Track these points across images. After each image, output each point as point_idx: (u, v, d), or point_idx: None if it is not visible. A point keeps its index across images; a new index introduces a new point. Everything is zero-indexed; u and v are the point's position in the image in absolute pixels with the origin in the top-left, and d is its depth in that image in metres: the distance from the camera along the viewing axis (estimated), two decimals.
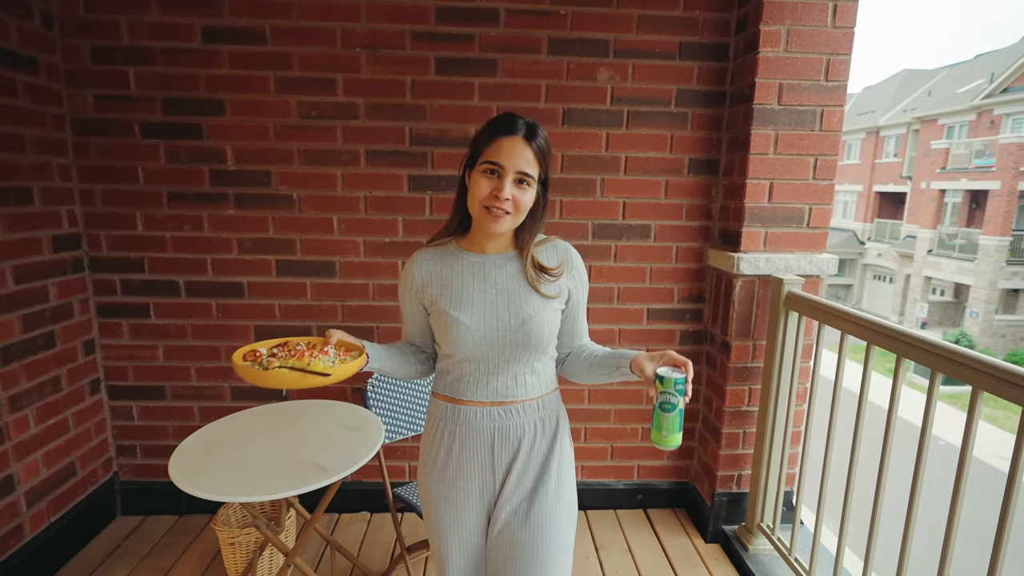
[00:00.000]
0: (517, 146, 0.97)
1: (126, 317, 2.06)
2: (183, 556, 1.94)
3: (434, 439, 1.11)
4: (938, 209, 17.66)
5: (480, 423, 1.07)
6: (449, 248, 1.09)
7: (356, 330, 2.09)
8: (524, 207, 1.00)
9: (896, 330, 1.34)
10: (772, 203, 1.88)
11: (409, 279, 1.09)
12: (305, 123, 1.95)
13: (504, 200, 0.97)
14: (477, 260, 1.06)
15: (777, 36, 1.77)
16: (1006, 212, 15.19)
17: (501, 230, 1.00)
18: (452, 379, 1.08)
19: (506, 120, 1.00)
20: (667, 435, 0.92)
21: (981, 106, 16.87)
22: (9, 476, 1.70)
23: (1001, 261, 15.53)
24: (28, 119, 1.75)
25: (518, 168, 0.97)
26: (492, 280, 1.05)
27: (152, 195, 1.98)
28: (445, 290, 1.05)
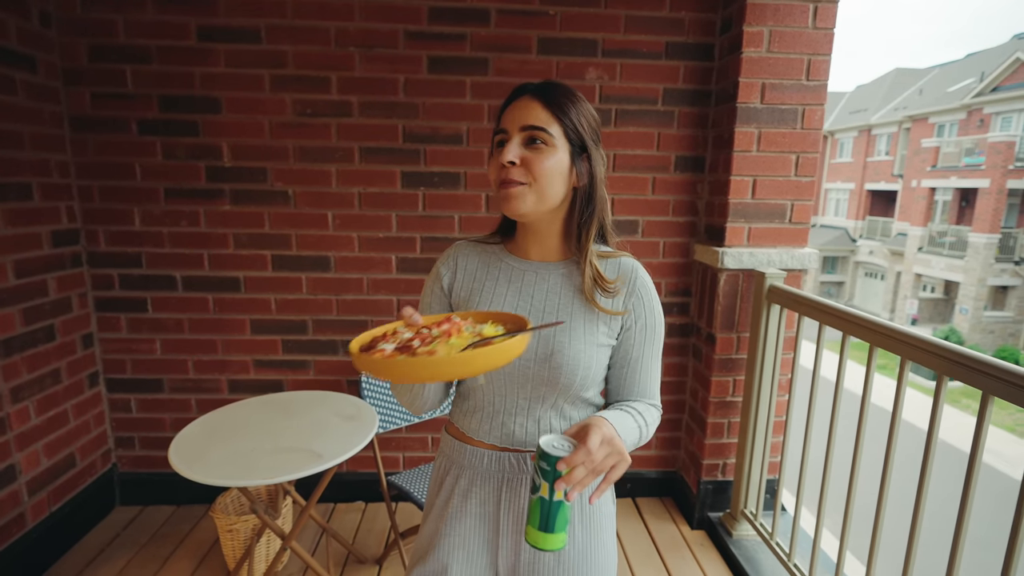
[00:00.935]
0: (522, 103, 0.80)
1: (124, 311, 2.09)
2: (181, 544, 1.98)
3: (437, 478, 0.96)
4: (928, 207, 17.84)
5: (488, 468, 0.89)
6: (494, 249, 0.92)
7: (351, 324, 2.14)
8: (546, 174, 0.78)
9: (869, 320, 1.40)
10: (755, 199, 1.94)
11: (443, 269, 0.92)
12: (300, 120, 1.99)
13: (509, 165, 0.78)
14: (517, 267, 0.89)
15: (760, 37, 1.83)
16: (995, 210, 15.38)
17: (520, 208, 0.80)
18: (467, 409, 0.91)
19: (515, 88, 0.84)
20: (527, 524, 0.69)
21: (971, 105, 17.04)
22: (11, 466, 1.73)
23: (990, 258, 15.73)
24: (27, 116, 1.78)
25: (522, 123, 0.78)
26: (530, 292, 0.86)
27: (149, 191, 2.01)
28: (475, 293, 0.88)
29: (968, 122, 17.27)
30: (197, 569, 1.86)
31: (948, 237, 17.03)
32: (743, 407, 2.00)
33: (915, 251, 18.04)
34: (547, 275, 0.87)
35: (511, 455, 0.87)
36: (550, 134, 0.78)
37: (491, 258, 0.91)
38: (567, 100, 0.80)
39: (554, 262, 0.88)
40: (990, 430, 0.87)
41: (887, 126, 20.73)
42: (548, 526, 0.67)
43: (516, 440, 0.86)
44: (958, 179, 16.64)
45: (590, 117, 0.83)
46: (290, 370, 2.17)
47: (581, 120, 0.81)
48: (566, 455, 0.65)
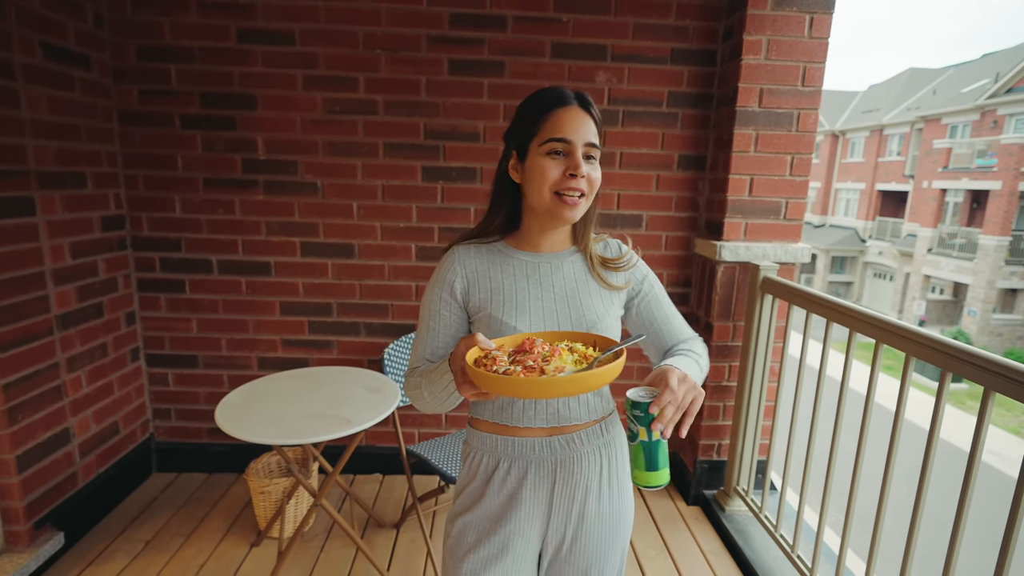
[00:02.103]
0: (579, 116, 0.86)
1: (164, 291, 2.26)
2: (215, 507, 2.16)
3: (479, 479, 0.95)
4: (939, 208, 17.76)
5: (539, 456, 0.93)
6: (496, 247, 0.95)
7: (373, 308, 2.30)
8: (596, 186, 0.88)
9: (849, 307, 1.54)
10: (752, 197, 2.07)
11: (450, 276, 0.93)
12: (329, 117, 2.14)
13: (580, 179, 0.85)
14: (531, 260, 0.94)
15: (759, 45, 1.96)
16: (1006, 212, 15.31)
17: (577, 216, 0.88)
18: (500, 403, 0.93)
19: (554, 92, 0.88)
20: (633, 468, 0.78)
21: (985, 106, 16.92)
22: (66, 429, 1.91)
23: (1000, 261, 15.66)
24: (82, 111, 1.95)
25: (586, 140, 0.85)
26: (550, 282, 0.93)
27: (189, 181, 2.18)
28: (496, 294, 0.91)
29: (981, 123, 17.15)
30: (231, 528, 2.04)
31: (958, 239, 16.96)
32: (737, 391, 2.14)
33: (924, 252, 17.98)
34: (560, 264, 0.94)
35: (559, 438, 0.92)
36: (600, 149, 0.88)
37: (497, 256, 0.94)
38: (598, 114, 0.89)
39: (561, 251, 0.96)
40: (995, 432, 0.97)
41: (899, 126, 20.61)
42: (653, 464, 0.75)
43: (562, 417, 0.92)
44: (969, 180, 16.56)
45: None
46: (315, 349, 2.34)
47: (602, 127, 0.91)
48: (652, 399, 0.75)
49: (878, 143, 21.53)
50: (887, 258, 20.39)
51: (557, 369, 0.74)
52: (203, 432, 2.39)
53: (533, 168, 0.86)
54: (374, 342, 2.32)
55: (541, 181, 0.85)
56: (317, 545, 1.96)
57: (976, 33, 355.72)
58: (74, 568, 1.81)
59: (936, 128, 18.66)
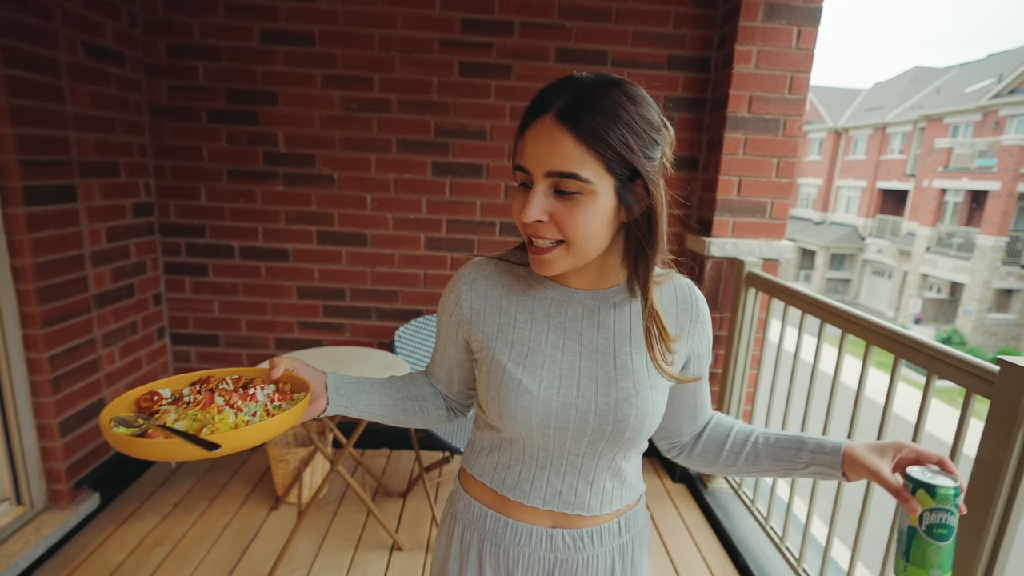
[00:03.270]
0: (548, 134, 0.59)
1: (188, 275, 2.42)
2: (236, 474, 2.33)
3: (453, 561, 0.79)
4: (938, 207, 17.88)
5: (535, 552, 0.74)
6: (521, 271, 0.73)
7: (383, 294, 2.46)
8: (581, 232, 0.61)
9: (819, 300, 1.69)
10: (740, 196, 2.22)
11: (454, 298, 0.74)
12: (346, 114, 2.29)
13: (537, 224, 0.62)
14: (557, 296, 0.71)
15: (749, 55, 2.09)
16: (1004, 213, 15.43)
17: (552, 272, 0.65)
18: (496, 463, 0.75)
19: (540, 94, 0.63)
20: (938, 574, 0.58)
21: (987, 106, 16.98)
22: (101, 399, 2.07)
23: (997, 261, 15.81)
24: (117, 105, 2.09)
25: (549, 167, 0.60)
26: (576, 331, 0.70)
27: (214, 172, 2.33)
28: (504, 331, 0.71)
29: (983, 124, 17.22)
30: (251, 493, 2.21)
31: (956, 238, 17.09)
32: (722, 378, 2.31)
33: (923, 251, 18.11)
34: (596, 307, 0.70)
35: (564, 533, 0.73)
36: (583, 180, 0.59)
37: (518, 284, 0.72)
38: (606, 119, 0.58)
39: (602, 290, 0.71)
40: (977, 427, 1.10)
41: (902, 125, 20.66)
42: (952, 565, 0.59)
43: (564, 502, 0.72)
44: (969, 180, 16.66)
45: (643, 125, 0.61)
46: (328, 331, 2.50)
47: (630, 139, 0.59)
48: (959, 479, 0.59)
49: (880, 141, 21.59)
50: (886, 256, 20.53)
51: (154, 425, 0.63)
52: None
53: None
54: (384, 326, 2.48)
55: (515, 218, 0.65)
56: (331, 510, 2.13)
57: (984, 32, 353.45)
58: (110, 526, 1.99)
59: (938, 127, 18.72)
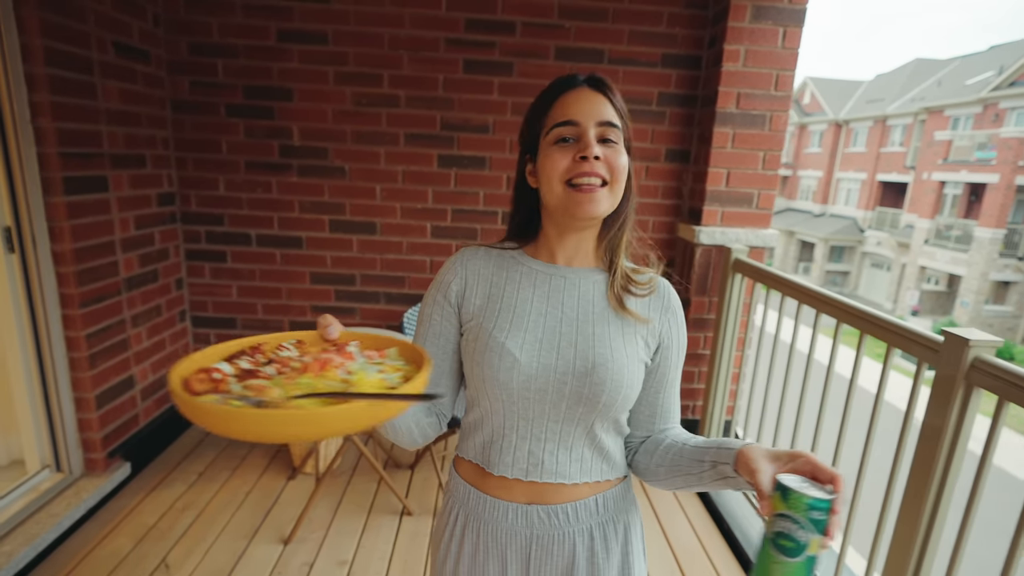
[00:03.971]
0: (589, 96, 0.72)
1: (208, 261, 2.57)
2: (254, 447, 2.49)
3: (448, 531, 0.83)
4: (937, 200, 17.96)
5: (512, 527, 0.78)
6: (509, 254, 0.82)
7: (392, 279, 2.60)
8: (621, 173, 0.72)
9: (799, 284, 1.84)
10: (728, 188, 2.35)
11: (448, 277, 0.80)
12: (356, 109, 2.42)
13: (594, 160, 0.69)
14: (543, 270, 0.79)
15: (738, 54, 2.22)
16: (1002, 205, 15.52)
17: (599, 209, 0.72)
18: (482, 441, 0.79)
19: (561, 77, 0.76)
20: None
21: (988, 99, 17.01)
22: (131, 376, 2.23)
23: (994, 253, 15.92)
24: (143, 100, 2.22)
25: (598, 118, 0.71)
26: (559, 300, 0.77)
27: (232, 163, 2.46)
28: (493, 301, 0.77)
29: (984, 116, 17.26)
30: (270, 464, 2.37)
31: (954, 231, 17.19)
32: (710, 358, 2.45)
33: (921, 243, 18.22)
34: (577, 281, 0.78)
35: (538, 510, 0.77)
36: (621, 129, 0.73)
37: (508, 262, 0.80)
38: (616, 94, 0.75)
39: (583, 268, 0.79)
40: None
41: (903, 117, 20.68)
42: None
43: (546, 470, 0.75)
44: (968, 173, 16.73)
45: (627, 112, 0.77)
46: (340, 315, 2.63)
47: (627, 119, 0.76)
48: (834, 495, 0.53)
49: (881, 133, 21.62)
50: (885, 248, 20.63)
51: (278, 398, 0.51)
52: None
53: (544, 163, 0.73)
54: (392, 309, 2.63)
55: (551, 173, 0.72)
56: (345, 479, 2.29)
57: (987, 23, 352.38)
58: (140, 492, 2.15)
59: (939, 119, 18.75)
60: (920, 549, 1.25)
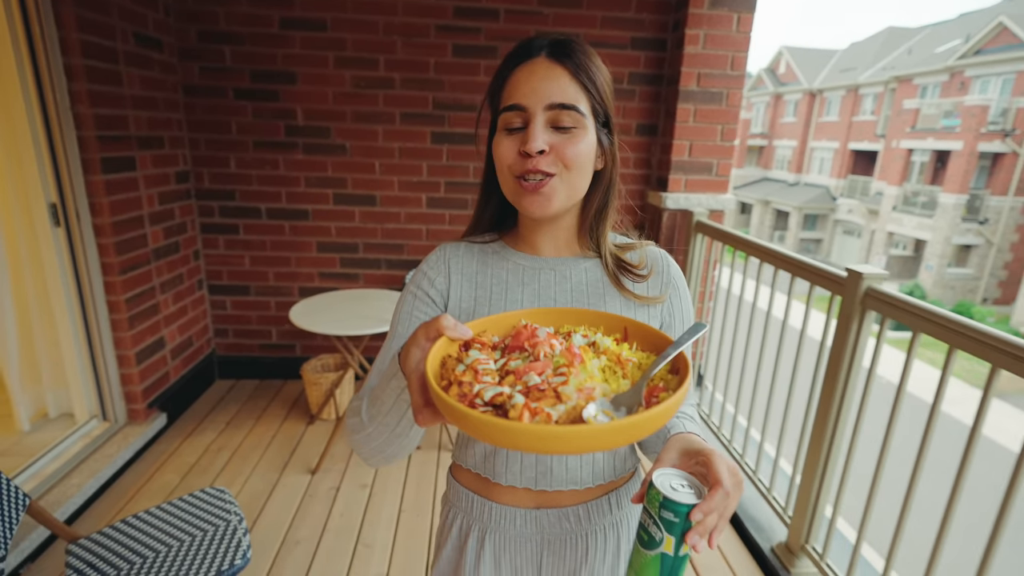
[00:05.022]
0: (544, 70, 0.63)
1: (222, 233, 2.80)
2: (273, 400, 2.77)
3: (451, 547, 0.78)
4: (905, 167, 18.53)
5: (520, 533, 0.74)
6: (492, 247, 0.76)
7: (391, 247, 2.87)
8: (579, 162, 0.65)
9: (748, 240, 2.16)
10: (691, 158, 2.65)
11: (431, 274, 0.74)
12: (355, 91, 2.65)
13: (537, 156, 0.63)
14: (530, 264, 0.74)
15: (697, 38, 2.50)
16: (965, 171, 16.13)
17: (549, 210, 0.66)
18: (483, 450, 0.74)
19: (521, 44, 0.67)
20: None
21: (954, 67, 17.47)
22: (162, 337, 2.48)
23: (957, 218, 16.60)
24: (159, 86, 2.43)
25: (548, 100, 0.63)
26: (550, 295, 0.72)
27: (241, 143, 2.68)
28: (481, 304, 0.72)
29: (950, 84, 17.75)
30: (289, 414, 2.66)
31: (921, 197, 17.83)
32: None
33: (890, 210, 18.86)
34: (567, 272, 0.73)
35: (548, 513, 0.72)
36: (580, 113, 0.63)
37: (491, 258, 0.75)
38: (590, 62, 0.65)
39: (571, 257, 0.74)
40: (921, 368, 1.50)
41: (874, 86, 21.11)
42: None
43: (556, 478, 0.71)
44: (935, 140, 17.28)
45: (609, 79, 0.68)
46: (345, 280, 2.91)
47: (604, 87, 0.67)
48: (698, 501, 0.51)
49: (853, 102, 22.05)
50: (856, 215, 21.28)
51: (583, 391, 0.45)
52: (255, 347, 2.98)
53: (494, 152, 0.67)
54: (393, 274, 2.91)
55: (500, 166, 0.66)
56: None
57: None
58: (177, 439, 2.43)
59: (908, 88, 19.21)
60: (828, 443, 1.61)
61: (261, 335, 2.95)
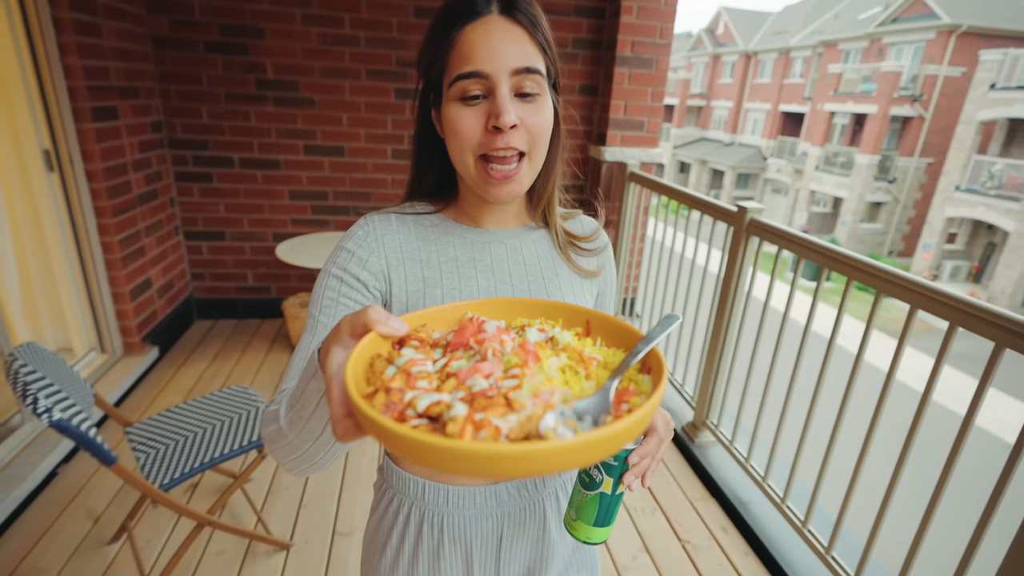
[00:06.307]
0: (501, 30, 0.56)
1: (196, 182, 2.97)
2: (255, 335, 3.05)
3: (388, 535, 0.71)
4: (827, 129, 19.83)
5: (480, 511, 0.69)
6: (430, 220, 0.68)
7: (359, 195, 3.14)
8: (543, 135, 0.60)
9: (662, 184, 2.60)
10: (626, 116, 3.05)
11: (360, 253, 0.64)
12: (323, 48, 2.84)
13: (510, 132, 0.56)
14: (478, 239, 0.68)
15: (632, 8, 2.85)
16: (879, 134, 17.50)
17: (519, 192, 0.61)
18: None
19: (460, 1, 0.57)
20: (576, 519, 0.61)
21: (874, 34, 18.63)
22: (148, 278, 2.69)
23: (870, 177, 18.09)
24: (131, 37, 2.54)
25: (512, 65, 0.56)
26: (505, 271, 0.68)
27: (213, 95, 2.84)
28: (431, 285, 0.64)
29: (870, 50, 18.95)
30: (271, 347, 2.95)
31: (840, 157, 19.22)
32: (615, 251, 3.23)
33: (813, 170, 20.24)
34: (517, 245, 0.70)
35: (508, 485, 0.69)
36: (543, 75, 0.58)
37: (432, 232, 0.68)
38: (540, 16, 0.59)
39: (518, 228, 0.71)
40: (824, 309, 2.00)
41: (803, 50, 22.17)
42: (607, 520, 0.59)
43: None
44: (854, 104, 18.54)
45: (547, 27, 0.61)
46: (316, 227, 3.17)
47: (553, 43, 0.61)
48: (635, 446, 0.57)
49: (784, 65, 23.10)
50: (783, 175, 22.67)
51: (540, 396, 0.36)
52: (232, 290, 3.21)
53: (449, 125, 0.59)
54: None
55: (460, 143, 0.59)
56: None
57: None
58: (172, 367, 2.68)
59: (833, 53, 20.33)
60: (722, 344, 2.10)
61: (237, 278, 3.18)
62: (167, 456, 1.48)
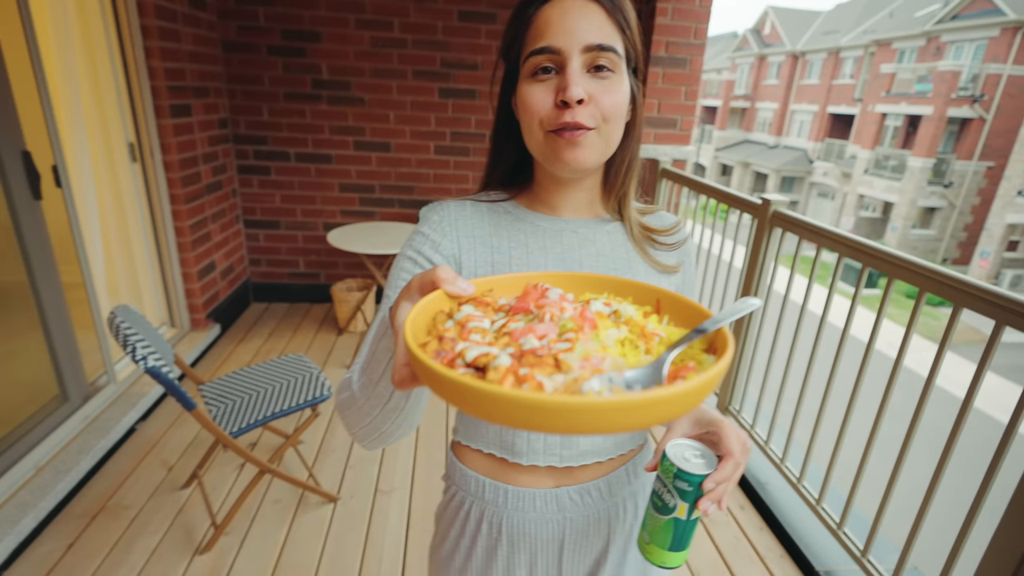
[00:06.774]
0: (572, 7, 0.55)
1: (255, 174, 3.23)
2: (305, 318, 3.28)
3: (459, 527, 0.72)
4: (879, 131, 19.13)
5: (541, 515, 0.69)
6: (503, 207, 0.68)
7: (404, 188, 3.34)
8: (617, 113, 0.58)
9: (695, 180, 2.68)
10: (659, 114, 3.14)
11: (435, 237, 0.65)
12: (373, 50, 3.05)
13: (577, 106, 0.55)
14: (551, 227, 0.67)
15: (667, 10, 2.94)
16: (934, 136, 16.78)
17: (586, 164, 0.58)
18: (501, 428, 0.66)
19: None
20: (649, 542, 0.59)
21: (931, 32, 17.88)
22: (213, 261, 2.95)
23: (923, 181, 17.36)
24: (204, 42, 2.81)
25: (585, 41, 0.55)
26: (576, 259, 0.66)
27: (273, 94, 3.09)
28: (501, 269, 0.65)
29: (927, 49, 18.19)
30: (319, 328, 3.17)
31: (891, 161, 18.52)
32: None
33: (862, 173, 19.56)
34: (591, 235, 0.67)
35: (569, 491, 0.68)
36: (618, 55, 0.56)
37: (504, 219, 0.67)
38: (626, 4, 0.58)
39: (592, 219, 0.68)
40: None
41: (854, 49, 21.44)
42: (682, 544, 0.57)
43: (583, 451, 0.67)
44: (907, 105, 17.83)
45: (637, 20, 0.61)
46: (363, 217, 3.38)
47: (636, 28, 0.60)
48: (710, 471, 0.54)
49: (834, 65, 22.39)
50: (830, 178, 21.98)
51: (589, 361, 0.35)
52: (285, 275, 3.47)
53: (521, 102, 0.59)
54: (405, 212, 3.38)
55: (529, 117, 0.59)
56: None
57: None
58: (232, 342, 2.93)
59: (887, 52, 19.60)
60: (742, 344, 2.18)
61: (290, 264, 3.43)
62: (236, 409, 1.69)
